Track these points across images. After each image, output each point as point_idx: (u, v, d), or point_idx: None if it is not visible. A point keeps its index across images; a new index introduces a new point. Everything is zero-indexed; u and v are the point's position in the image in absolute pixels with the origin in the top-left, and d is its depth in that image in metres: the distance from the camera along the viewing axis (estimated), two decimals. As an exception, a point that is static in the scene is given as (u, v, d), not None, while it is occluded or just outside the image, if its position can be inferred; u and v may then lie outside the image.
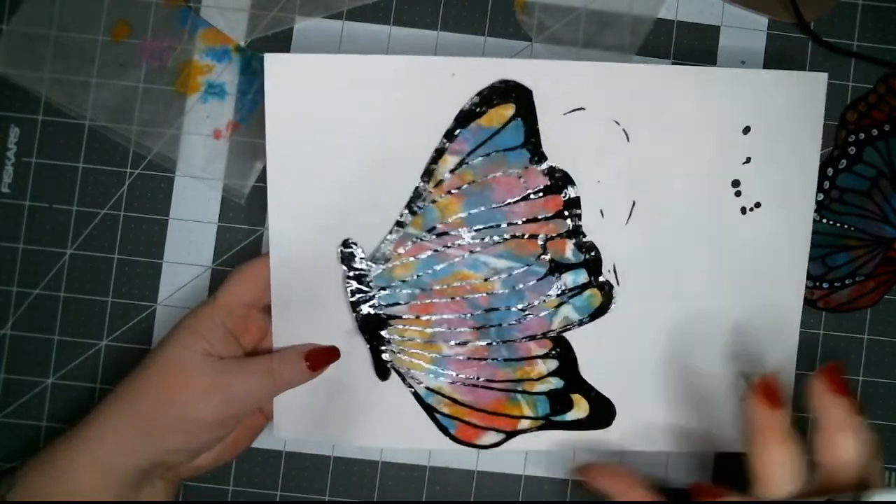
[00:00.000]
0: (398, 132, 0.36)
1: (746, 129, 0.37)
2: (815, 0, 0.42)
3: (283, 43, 0.41)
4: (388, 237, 0.36)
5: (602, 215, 0.37)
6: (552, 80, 0.36)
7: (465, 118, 0.36)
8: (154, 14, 0.41)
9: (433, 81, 0.36)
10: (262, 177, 0.41)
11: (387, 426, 0.38)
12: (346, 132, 0.36)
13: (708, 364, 0.38)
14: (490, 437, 0.38)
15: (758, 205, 0.37)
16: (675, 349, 0.38)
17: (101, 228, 0.41)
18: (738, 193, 0.37)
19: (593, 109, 0.36)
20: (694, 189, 0.37)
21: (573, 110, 0.36)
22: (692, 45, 0.42)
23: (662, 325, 0.38)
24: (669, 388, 0.38)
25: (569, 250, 0.37)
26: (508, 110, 0.36)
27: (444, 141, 0.36)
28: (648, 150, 0.37)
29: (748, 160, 0.37)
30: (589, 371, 0.38)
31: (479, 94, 0.36)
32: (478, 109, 0.36)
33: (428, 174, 0.36)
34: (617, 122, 0.36)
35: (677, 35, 0.42)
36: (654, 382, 0.38)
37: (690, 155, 0.37)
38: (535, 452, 0.41)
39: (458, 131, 0.36)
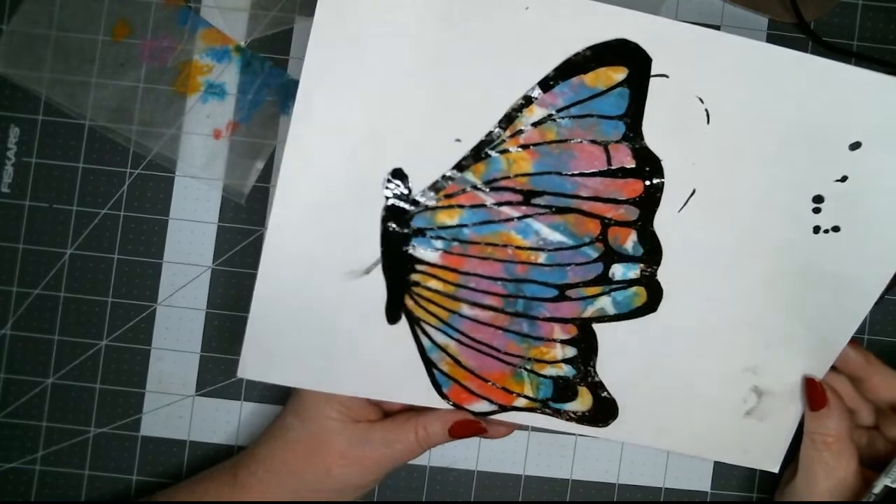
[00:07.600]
0: (456, 60, 0.32)
1: (855, 146, 0.32)
2: (815, 0, 0.42)
3: (283, 43, 0.41)
4: (441, 179, 0.33)
5: None
6: (637, 34, 0.32)
7: (568, 70, 0.32)
8: (154, 14, 0.41)
9: (501, 11, 0.32)
10: (262, 177, 0.41)
11: (377, 373, 0.35)
12: (398, 48, 0.32)
13: (724, 377, 0.35)
14: (482, 406, 0.36)
15: (836, 228, 0.33)
16: (696, 361, 0.35)
17: (101, 228, 0.41)
18: (816, 210, 0.33)
19: (678, 79, 0.32)
20: (766, 193, 0.33)
21: (654, 76, 0.32)
22: (692, 45, 0.42)
23: (695, 335, 0.35)
24: (679, 396, 0.35)
25: (630, 241, 0.34)
26: (619, 73, 0.32)
27: (537, 89, 0.32)
28: (727, 138, 0.33)
29: (844, 179, 0.33)
30: (605, 368, 0.35)
31: (593, 47, 0.32)
32: (587, 64, 0.32)
33: (507, 120, 0.33)
34: (700, 100, 0.32)
35: (677, 35, 0.42)
36: (665, 390, 0.35)
37: (776, 156, 0.33)
38: (535, 453, 0.41)
39: (556, 83, 0.32)
